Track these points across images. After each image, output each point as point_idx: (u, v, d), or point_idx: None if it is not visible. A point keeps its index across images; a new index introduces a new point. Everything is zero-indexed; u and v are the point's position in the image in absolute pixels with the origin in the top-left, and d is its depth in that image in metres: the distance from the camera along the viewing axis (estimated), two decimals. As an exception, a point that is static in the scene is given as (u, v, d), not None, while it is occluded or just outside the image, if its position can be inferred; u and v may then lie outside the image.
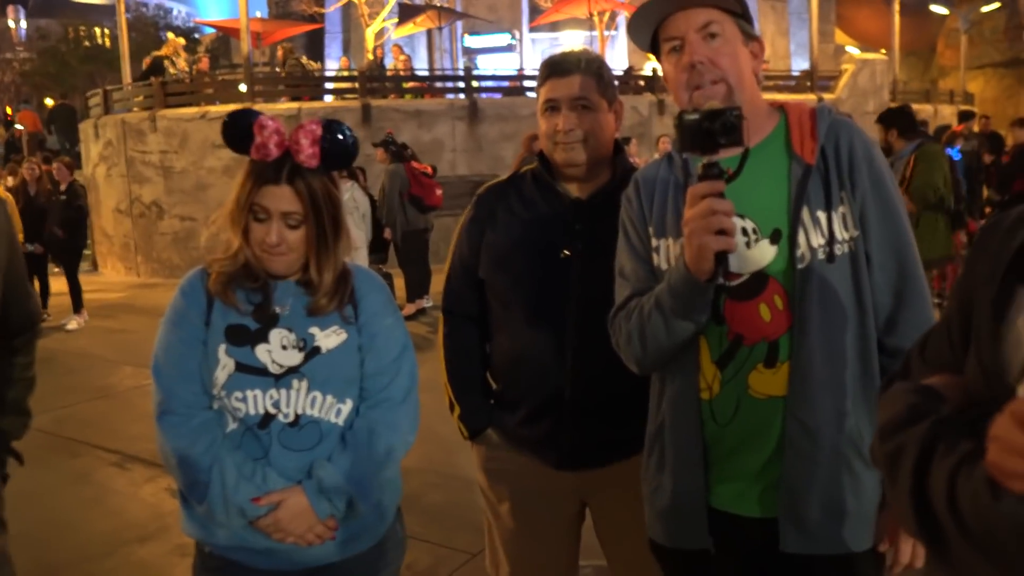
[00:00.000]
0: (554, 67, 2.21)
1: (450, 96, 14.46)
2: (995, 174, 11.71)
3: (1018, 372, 0.95)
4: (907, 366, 1.21)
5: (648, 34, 1.82)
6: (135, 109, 13.92)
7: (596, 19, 20.09)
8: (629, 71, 16.87)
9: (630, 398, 2.12)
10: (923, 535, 0.91)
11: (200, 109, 13.30)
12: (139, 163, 13.42)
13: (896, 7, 21.74)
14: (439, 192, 9.60)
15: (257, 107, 12.79)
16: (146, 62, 16.13)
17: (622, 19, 22.63)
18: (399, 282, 9.59)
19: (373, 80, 14.10)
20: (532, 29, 23.90)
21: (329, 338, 1.93)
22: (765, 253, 1.72)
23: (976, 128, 13.13)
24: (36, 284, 10.05)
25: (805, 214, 1.70)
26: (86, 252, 12.47)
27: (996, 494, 0.79)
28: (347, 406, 1.95)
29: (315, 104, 13.98)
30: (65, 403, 6.46)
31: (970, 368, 1.03)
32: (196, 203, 12.97)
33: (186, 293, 1.95)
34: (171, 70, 15.48)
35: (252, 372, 1.88)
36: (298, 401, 1.89)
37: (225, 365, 1.88)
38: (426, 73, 19.39)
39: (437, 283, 10.03)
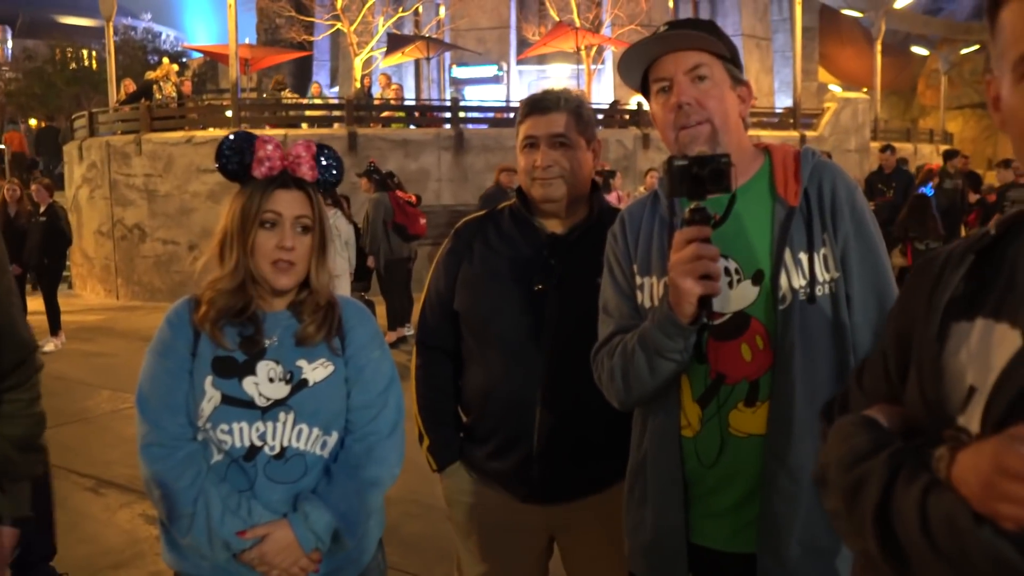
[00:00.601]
0: (534, 105, 2.25)
1: (436, 127, 14.53)
2: (980, 212, 11.87)
3: (959, 404, 0.99)
4: (845, 395, 1.25)
5: (638, 73, 1.85)
6: (119, 133, 13.90)
7: (583, 53, 20.32)
8: (615, 105, 17.02)
9: (600, 433, 2.16)
10: (887, 559, 0.95)
11: (186, 133, 13.30)
12: (123, 186, 13.39)
13: (878, 47, 22.10)
14: (423, 221, 9.62)
15: (243, 132, 12.87)
16: (126, 84, 16.08)
17: (609, 53, 22.90)
18: (380, 310, 9.58)
19: (360, 108, 14.14)
20: (520, 61, 24.11)
21: (316, 371, 1.92)
22: (747, 293, 1.74)
23: (957, 167, 13.31)
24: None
25: (787, 256, 1.72)
26: (65, 274, 12.39)
27: (978, 521, 0.84)
28: (332, 438, 1.94)
29: (301, 131, 14.01)
30: (40, 427, 6.38)
31: (910, 399, 1.07)
32: (179, 227, 12.94)
33: (173, 323, 1.92)
34: (158, 95, 15.50)
35: (238, 404, 1.86)
36: (284, 434, 1.88)
37: (211, 397, 1.86)
38: (413, 103, 19.49)
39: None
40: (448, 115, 14.71)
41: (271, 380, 1.88)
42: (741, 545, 1.77)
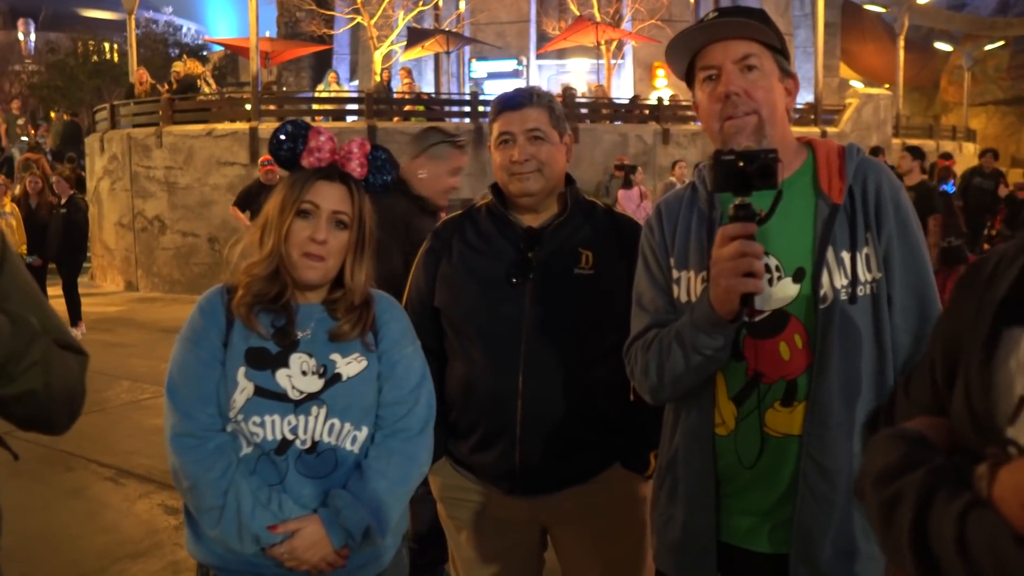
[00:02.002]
0: (506, 102, 2.28)
1: (455, 120, 14.52)
2: (1006, 211, 11.75)
3: (1008, 415, 0.94)
4: (892, 403, 1.21)
5: (685, 61, 1.81)
6: (137, 126, 13.98)
7: (603, 47, 20.24)
8: (635, 100, 16.94)
9: (581, 425, 2.18)
10: None
11: (207, 126, 13.35)
12: (143, 178, 13.46)
13: (901, 43, 21.91)
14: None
15: (263, 126, 12.89)
16: (140, 74, 16.01)
17: (629, 48, 22.81)
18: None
19: (380, 102, 14.15)
20: (539, 56, 24.06)
21: (350, 365, 1.90)
22: (787, 291, 1.70)
23: (992, 166, 13.17)
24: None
25: (830, 254, 1.69)
26: (85, 265, 12.48)
27: (1019, 544, 0.80)
28: (363, 434, 1.91)
29: (321, 125, 14.03)
30: (61, 417, 6.43)
31: (957, 410, 1.02)
32: (199, 219, 12.99)
33: (205, 311, 1.90)
34: (205, 88, 15.57)
35: (271, 397, 1.84)
36: (316, 428, 1.85)
37: (244, 388, 1.83)
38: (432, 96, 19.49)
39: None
40: (468, 109, 14.70)
41: (304, 373, 1.85)
42: (773, 546, 1.74)
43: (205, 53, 31.17)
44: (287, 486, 1.85)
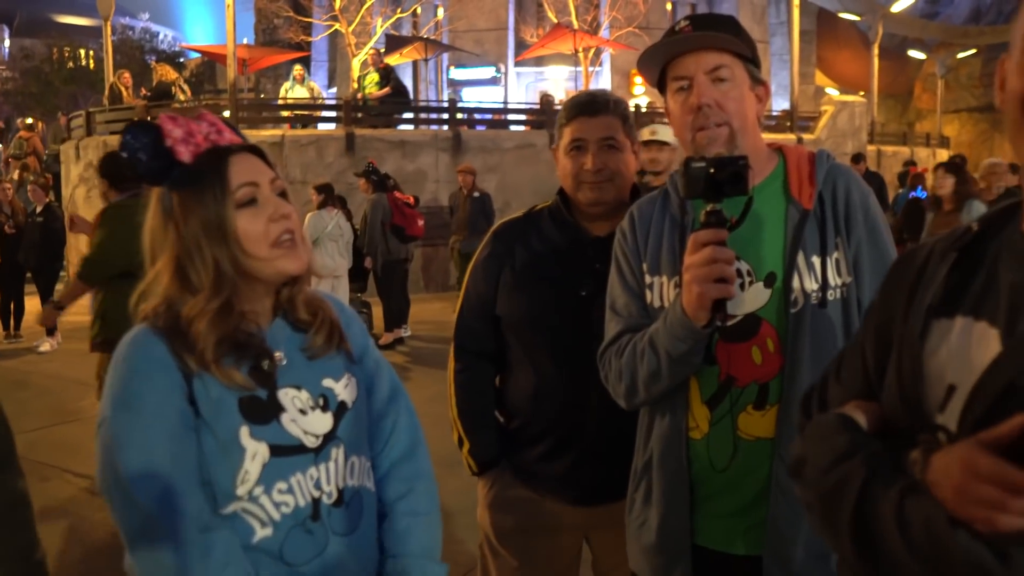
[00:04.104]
0: (583, 107, 2.22)
1: (433, 127, 14.52)
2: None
3: (938, 403, 0.99)
4: (824, 387, 1.24)
5: (657, 70, 1.83)
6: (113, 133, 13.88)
7: (581, 55, 20.31)
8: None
9: (626, 442, 2.14)
10: (863, 562, 0.96)
11: (183, 133, 13.27)
12: (119, 185, 13.36)
13: (875, 51, 22.13)
14: (421, 223, 9.62)
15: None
16: (125, 78, 15.91)
17: (606, 56, 22.90)
18: (377, 311, 9.57)
19: (357, 109, 14.14)
20: (517, 63, 24.11)
21: (348, 388, 1.58)
22: (759, 296, 1.73)
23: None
24: (11, 305, 9.96)
25: (800, 259, 1.71)
26: (61, 273, 12.37)
27: (953, 525, 0.85)
28: (369, 462, 1.65)
29: (299, 132, 14.00)
30: (36, 426, 6.36)
31: (889, 396, 1.07)
32: (176, 227, 12.91)
33: (148, 367, 1.42)
34: (181, 96, 15.47)
35: (290, 453, 1.46)
36: (338, 473, 1.52)
37: (256, 453, 1.42)
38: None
39: (416, 313, 10.03)
40: (446, 116, 14.71)
41: (303, 412, 1.49)
42: (747, 548, 1.76)
43: (182, 60, 31.03)
44: (327, 557, 1.49)
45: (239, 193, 1.45)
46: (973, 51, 27.11)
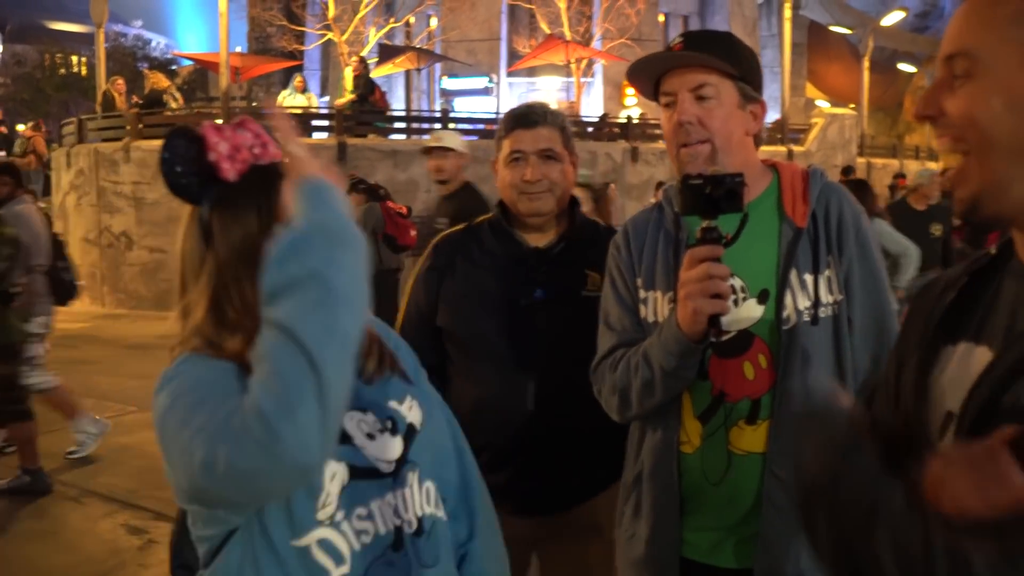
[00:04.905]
0: (520, 119, 2.26)
1: (425, 137, 14.53)
2: (964, 227, 11.95)
3: (938, 430, 1.00)
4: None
5: (650, 84, 1.85)
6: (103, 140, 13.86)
7: (573, 66, 20.38)
8: (604, 118, 17.06)
9: (590, 445, 2.17)
10: None
11: (175, 141, 13.25)
12: (110, 193, 13.33)
13: (866, 64, 22.26)
14: (413, 233, 9.59)
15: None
16: (119, 84, 15.87)
17: (598, 67, 22.97)
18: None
19: (349, 119, 14.14)
20: (510, 73, 24.16)
21: (413, 410, 1.47)
22: (752, 312, 1.74)
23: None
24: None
25: (793, 276, 1.73)
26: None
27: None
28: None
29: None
30: None
31: (898, 423, 1.08)
32: (167, 235, 12.86)
33: (208, 375, 1.24)
34: (172, 103, 15.44)
35: (367, 476, 1.36)
36: (415, 500, 1.42)
37: (335, 473, 1.31)
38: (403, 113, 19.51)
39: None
40: (438, 126, 14.73)
41: (371, 436, 1.38)
42: (737, 561, 1.77)
43: (175, 67, 30.99)
44: None
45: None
46: (963, 65, 27.25)
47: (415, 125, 15.91)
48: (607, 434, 2.20)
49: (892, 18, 26.66)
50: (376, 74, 20.39)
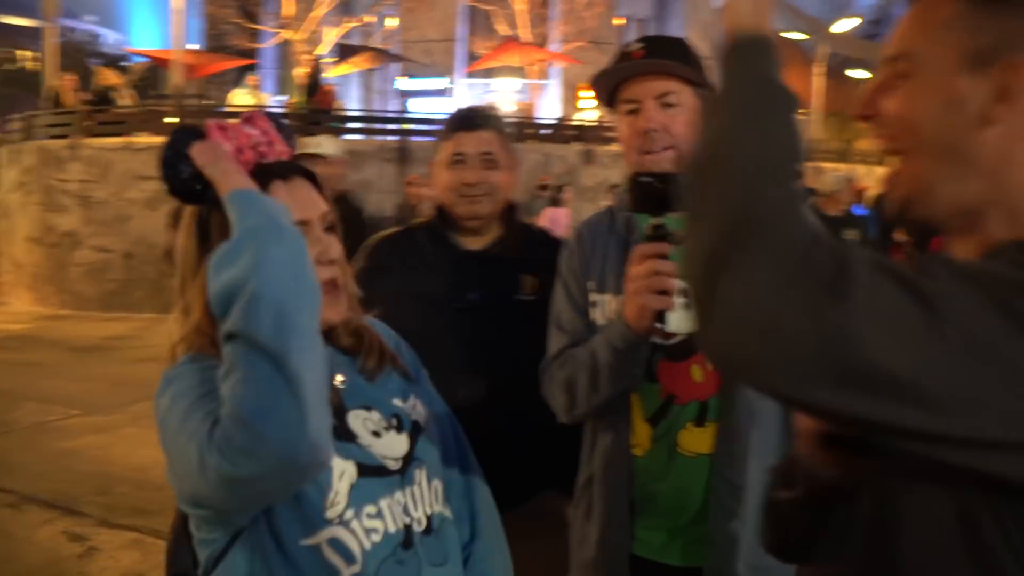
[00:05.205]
0: (462, 122, 2.26)
1: (380, 138, 14.47)
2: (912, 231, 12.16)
3: None
4: None
5: (608, 91, 1.86)
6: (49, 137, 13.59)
7: (530, 68, 20.43)
8: (560, 120, 17.12)
9: (520, 450, 2.16)
10: None
11: (125, 139, 13.05)
12: (57, 191, 13.07)
13: (817, 70, 22.59)
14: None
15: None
16: (68, 81, 15.56)
17: (556, 69, 23.04)
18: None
19: (302, 119, 14.02)
20: (467, 75, 24.14)
21: (417, 408, 1.48)
22: None
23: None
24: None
25: None
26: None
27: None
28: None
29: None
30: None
31: None
32: (114, 235, 12.67)
33: (206, 374, 1.21)
34: (121, 101, 15.17)
35: (375, 474, 1.35)
36: (424, 497, 1.41)
37: (344, 471, 1.30)
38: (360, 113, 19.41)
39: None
40: (395, 126, 14.68)
41: (377, 434, 1.38)
42: (686, 559, 1.79)
43: (127, 63, 30.49)
44: None
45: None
46: (912, 72, 27.76)
47: (371, 125, 15.83)
48: (541, 437, 2.20)
49: (845, 24, 27.09)
50: (333, 74, 20.28)
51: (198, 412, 1.15)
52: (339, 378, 1.38)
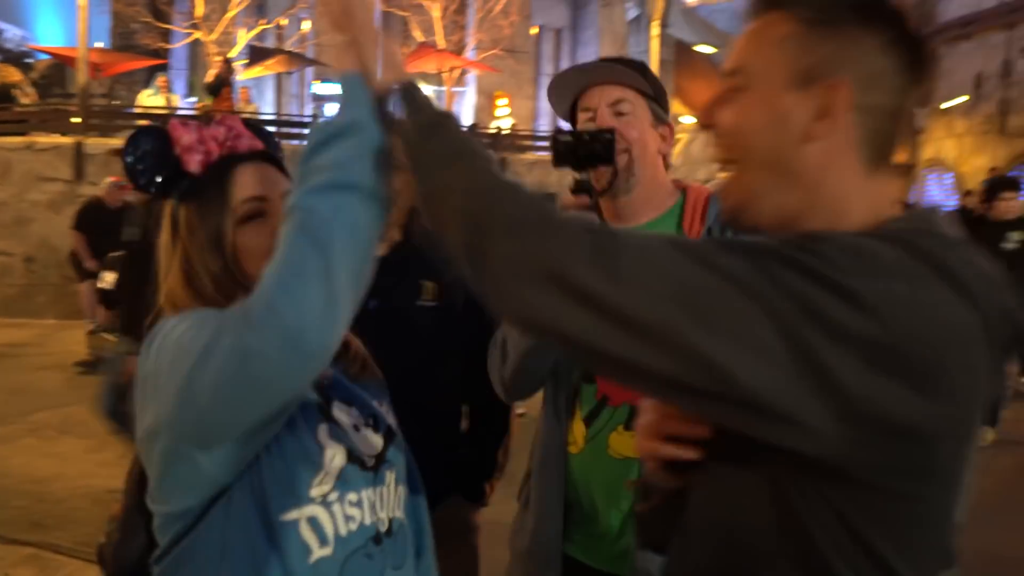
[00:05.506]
0: None
1: (295, 142, 14.34)
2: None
3: None
4: None
5: (567, 103, 1.95)
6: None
7: (445, 75, 20.47)
8: (474, 128, 17.22)
9: (423, 456, 2.20)
10: None
11: (26, 139, 12.65)
12: (-47, 193, 12.60)
13: (727, 83, 23.15)
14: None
15: (90, 141, 12.33)
16: None
17: (471, 76, 23.14)
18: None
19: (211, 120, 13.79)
20: (383, 80, 24.00)
21: (390, 414, 1.48)
22: None
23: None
24: None
25: None
26: None
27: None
28: None
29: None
30: None
31: None
32: (13, 237, 12.25)
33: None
34: (23, 99, 14.65)
35: (358, 464, 1.34)
36: (390, 500, 1.39)
37: (335, 455, 1.30)
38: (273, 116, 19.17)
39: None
40: (309, 131, 14.54)
41: (357, 429, 1.37)
42: (613, 566, 1.83)
43: (30, 60, 29.45)
44: None
45: (244, 208, 1.32)
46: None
47: (284, 130, 15.67)
48: (441, 448, 2.23)
49: (753, 40, 27.83)
50: (246, 76, 19.96)
51: (210, 320, 1.14)
52: (328, 371, 1.39)
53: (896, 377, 0.87)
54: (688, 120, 25.90)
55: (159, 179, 1.32)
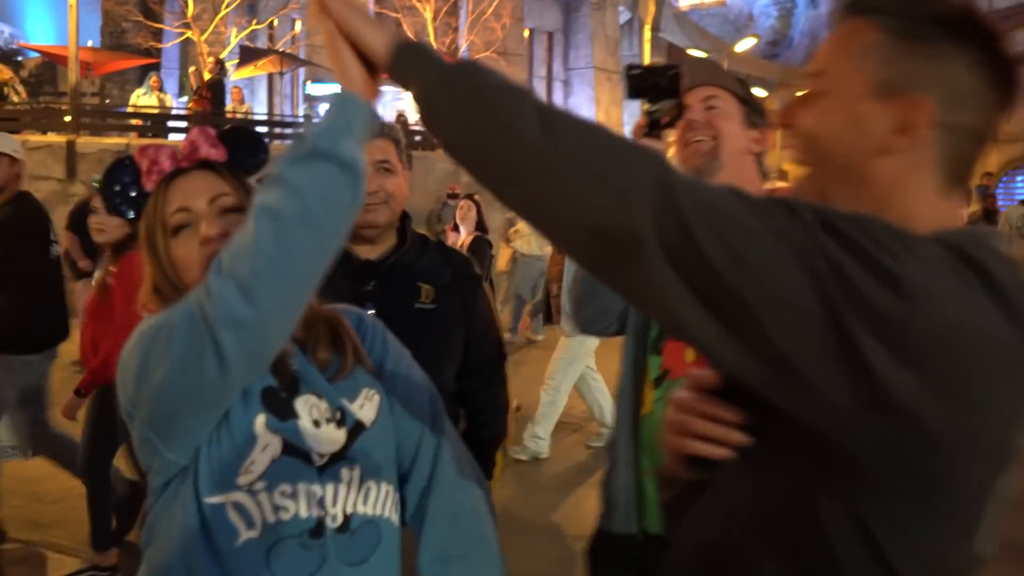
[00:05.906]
0: None
1: (288, 142, 14.34)
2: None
3: None
4: None
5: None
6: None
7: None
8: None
9: None
10: None
11: (18, 138, 12.59)
12: (-56, 190, 12.54)
13: (719, 87, 23.26)
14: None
15: (82, 140, 12.31)
16: None
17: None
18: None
19: (205, 121, 13.81)
20: (376, 81, 24.03)
21: (365, 408, 1.45)
22: None
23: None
24: None
25: None
26: None
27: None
28: (395, 493, 1.49)
29: (147, 141, 13.54)
30: None
31: None
32: None
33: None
34: (14, 97, 14.61)
35: (299, 457, 1.35)
36: (348, 497, 1.38)
37: (267, 445, 1.32)
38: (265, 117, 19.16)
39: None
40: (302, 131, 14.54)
41: (317, 423, 1.37)
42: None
43: (20, 59, 29.35)
44: None
45: (172, 220, 1.38)
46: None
47: (277, 130, 15.68)
48: None
49: (745, 45, 28.04)
50: (237, 76, 19.96)
51: (175, 309, 1.25)
52: (295, 365, 1.41)
53: (915, 367, 0.86)
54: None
55: (130, 204, 1.45)
